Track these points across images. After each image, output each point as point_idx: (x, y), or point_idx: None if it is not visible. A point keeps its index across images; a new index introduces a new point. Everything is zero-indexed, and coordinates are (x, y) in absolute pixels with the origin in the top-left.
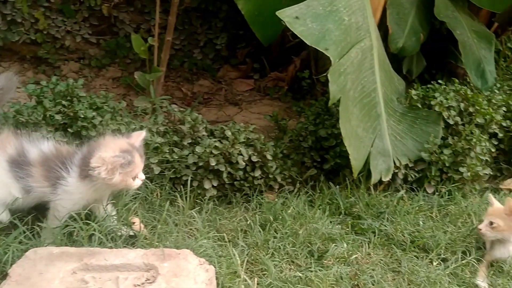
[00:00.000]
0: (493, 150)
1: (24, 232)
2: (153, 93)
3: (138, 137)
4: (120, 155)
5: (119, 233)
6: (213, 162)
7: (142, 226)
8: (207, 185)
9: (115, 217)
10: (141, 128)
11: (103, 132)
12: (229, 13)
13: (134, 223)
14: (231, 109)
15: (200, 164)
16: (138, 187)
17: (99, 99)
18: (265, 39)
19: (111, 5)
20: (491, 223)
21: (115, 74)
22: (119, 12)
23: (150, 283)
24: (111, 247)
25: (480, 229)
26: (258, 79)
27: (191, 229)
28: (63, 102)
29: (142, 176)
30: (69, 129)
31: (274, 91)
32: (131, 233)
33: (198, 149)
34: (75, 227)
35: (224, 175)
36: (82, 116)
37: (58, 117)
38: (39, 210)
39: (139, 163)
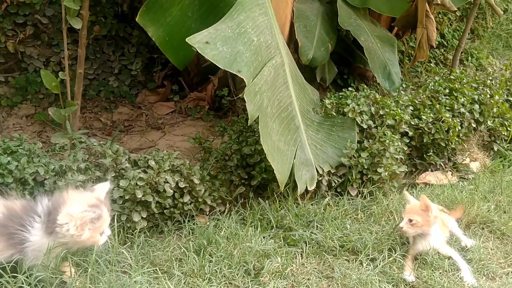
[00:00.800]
0: (405, 148)
1: None
2: (70, 128)
3: (103, 189)
4: (89, 210)
5: (50, 282)
6: (139, 194)
7: (73, 270)
8: (136, 217)
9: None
10: (60, 167)
11: (21, 177)
12: (141, 38)
13: (64, 271)
14: (154, 134)
15: (127, 197)
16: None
17: (13, 142)
18: (180, 63)
19: (16, 41)
20: (410, 220)
21: (28, 111)
22: (25, 47)
23: None
24: None
25: (402, 227)
26: (178, 100)
27: (124, 266)
28: None
29: (108, 232)
30: None
31: (195, 111)
32: (63, 280)
33: (122, 182)
34: (1, 281)
35: (153, 205)
36: None
37: None
38: None
39: (106, 217)
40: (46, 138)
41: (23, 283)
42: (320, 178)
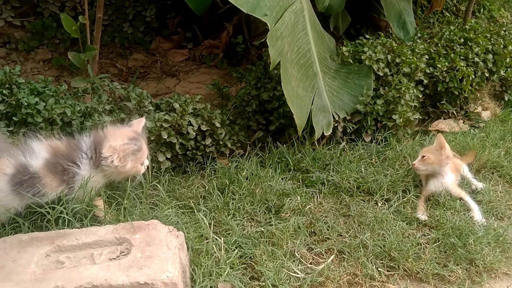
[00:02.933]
0: (420, 96)
1: None
2: (91, 72)
3: (140, 124)
4: (131, 142)
5: (84, 213)
6: (164, 135)
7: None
8: (161, 158)
9: None
10: (86, 109)
11: (49, 117)
12: None
13: (97, 205)
14: (169, 81)
15: (152, 138)
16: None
17: (39, 84)
18: (198, 8)
19: None
20: (423, 156)
21: (45, 56)
22: None
23: (125, 254)
24: (79, 227)
25: (414, 164)
26: (192, 48)
27: (152, 201)
28: (4, 90)
29: (147, 162)
30: (13, 118)
31: (209, 59)
32: (95, 213)
33: (148, 124)
34: (41, 212)
35: (177, 146)
36: (26, 103)
37: (1, 106)
38: None
39: (145, 149)
40: (64, 83)
41: (61, 213)
42: (336, 124)
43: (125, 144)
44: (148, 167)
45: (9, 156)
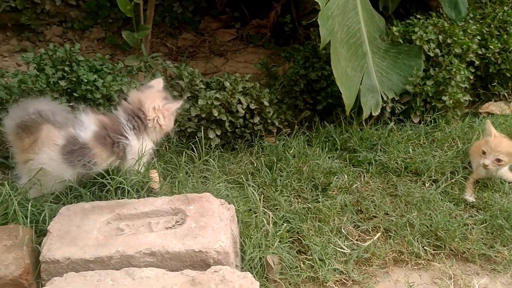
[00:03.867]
0: (471, 77)
1: (52, 193)
2: (145, 51)
3: (160, 84)
4: (171, 101)
5: (141, 185)
6: (215, 113)
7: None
8: (211, 134)
9: None
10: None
11: (107, 94)
12: None
13: (152, 177)
14: (217, 60)
15: (203, 115)
16: None
17: (97, 62)
18: None
19: None
20: (498, 160)
21: (99, 34)
22: None
23: (180, 224)
24: (136, 198)
25: (487, 165)
26: (240, 28)
27: (202, 176)
28: (65, 67)
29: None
30: (74, 94)
31: (257, 38)
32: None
33: (200, 101)
34: (102, 182)
35: (226, 124)
36: (85, 80)
37: (62, 83)
38: None
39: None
40: (117, 61)
41: (120, 184)
42: (384, 105)
43: (166, 103)
44: (197, 143)
45: (59, 128)
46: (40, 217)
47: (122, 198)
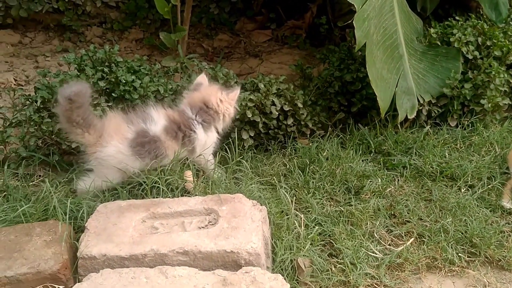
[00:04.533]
0: (511, 80)
1: (90, 191)
2: (181, 52)
3: (205, 79)
4: (230, 90)
5: (176, 185)
6: (249, 114)
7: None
8: (245, 135)
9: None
10: (177, 87)
11: (144, 94)
12: None
13: (188, 176)
14: (252, 61)
15: (237, 116)
16: None
17: (135, 63)
18: None
19: None
20: None
21: (137, 35)
22: None
23: (213, 224)
24: (171, 197)
25: None
26: (275, 28)
27: (236, 177)
28: (104, 68)
29: None
30: (112, 94)
31: (292, 39)
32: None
33: None
34: (138, 181)
35: (260, 125)
36: (124, 81)
37: (101, 83)
38: None
39: None
40: (155, 62)
41: (156, 183)
42: (420, 108)
43: (228, 93)
44: (231, 144)
45: (130, 123)
46: (79, 214)
47: (157, 197)
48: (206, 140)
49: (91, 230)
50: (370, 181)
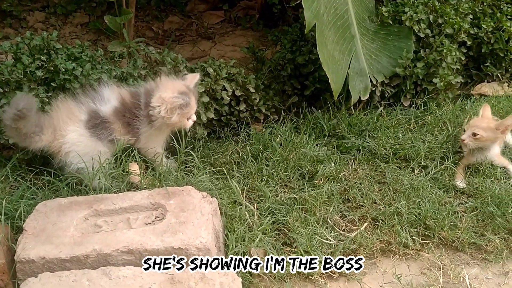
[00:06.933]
0: (463, 58)
1: (29, 188)
2: (127, 36)
3: (193, 79)
4: (179, 97)
5: (121, 179)
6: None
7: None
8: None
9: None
10: (122, 74)
11: (85, 83)
12: None
13: (133, 169)
14: (205, 44)
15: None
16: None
17: (76, 49)
18: None
19: None
20: (474, 134)
21: (82, 19)
22: None
23: (160, 220)
24: (115, 192)
25: (464, 140)
26: (228, 9)
27: (187, 167)
28: (42, 56)
29: (194, 117)
30: (52, 84)
31: (245, 20)
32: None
33: None
34: (78, 177)
35: (211, 111)
36: (63, 69)
37: (39, 73)
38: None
39: (194, 105)
40: (101, 47)
41: (99, 178)
42: (374, 88)
43: (174, 97)
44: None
45: (79, 103)
46: (17, 213)
47: (101, 193)
48: (150, 133)
49: (29, 231)
50: (323, 166)
